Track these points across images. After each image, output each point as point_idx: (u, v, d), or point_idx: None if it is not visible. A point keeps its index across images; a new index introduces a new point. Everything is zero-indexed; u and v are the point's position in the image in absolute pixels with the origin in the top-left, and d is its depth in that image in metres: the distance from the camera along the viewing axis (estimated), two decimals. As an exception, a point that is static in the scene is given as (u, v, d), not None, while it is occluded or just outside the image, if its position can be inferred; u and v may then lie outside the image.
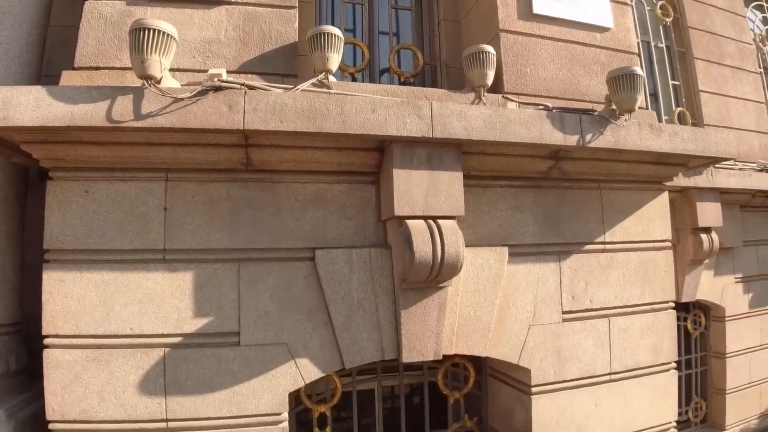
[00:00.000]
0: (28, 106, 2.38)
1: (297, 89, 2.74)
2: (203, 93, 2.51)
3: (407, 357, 2.89)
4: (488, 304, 3.10)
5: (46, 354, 2.67)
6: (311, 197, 2.90)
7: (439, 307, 2.89)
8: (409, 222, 2.72)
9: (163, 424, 2.72)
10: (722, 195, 5.05)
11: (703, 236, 4.83)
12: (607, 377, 3.43)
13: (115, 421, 2.70)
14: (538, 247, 3.27)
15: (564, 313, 3.31)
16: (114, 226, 2.73)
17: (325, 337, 2.86)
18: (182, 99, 2.48)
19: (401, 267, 2.76)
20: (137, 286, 2.74)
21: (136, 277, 2.75)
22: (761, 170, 5.48)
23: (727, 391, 5.44)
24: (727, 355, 5.43)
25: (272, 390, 2.79)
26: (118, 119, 2.44)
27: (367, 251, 2.91)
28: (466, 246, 2.89)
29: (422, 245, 2.66)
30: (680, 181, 4.64)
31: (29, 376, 3.35)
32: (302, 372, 2.83)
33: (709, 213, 4.93)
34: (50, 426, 2.68)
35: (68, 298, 2.69)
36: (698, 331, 5.50)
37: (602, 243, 3.45)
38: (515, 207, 3.23)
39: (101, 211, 2.73)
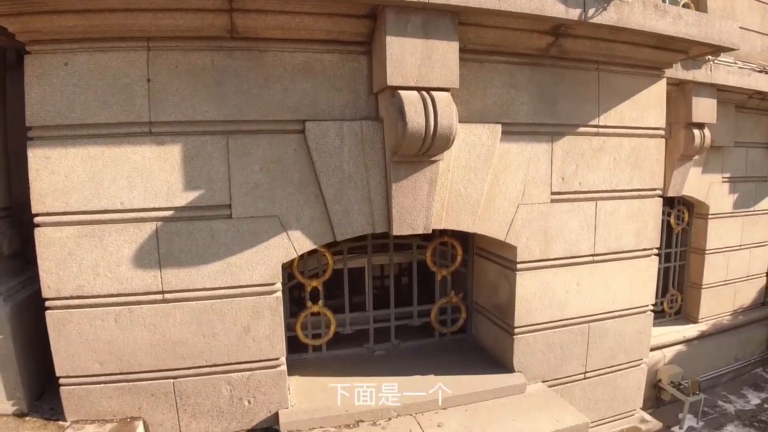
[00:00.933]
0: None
1: (281, -57, 2.53)
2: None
3: (398, 230, 2.91)
4: (479, 182, 3.10)
5: (38, 233, 2.65)
6: (300, 67, 2.78)
7: (430, 181, 2.87)
8: (402, 92, 2.63)
9: (159, 296, 2.77)
10: (719, 93, 4.98)
11: (696, 132, 4.82)
12: (590, 258, 3.53)
13: (111, 295, 2.74)
14: (532, 126, 3.22)
15: (553, 194, 3.33)
16: (97, 100, 2.62)
17: (317, 209, 2.87)
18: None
19: (393, 139, 2.71)
20: (125, 160, 2.68)
21: (123, 151, 2.68)
22: (761, 71, 5.38)
23: (703, 286, 5.69)
24: (707, 252, 5.63)
25: (265, 261, 2.83)
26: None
27: (359, 124, 2.83)
28: (459, 122, 2.82)
29: (415, 116, 2.59)
30: (678, 73, 4.55)
31: (22, 261, 3.35)
32: (294, 244, 2.86)
33: (704, 109, 4.88)
34: (47, 303, 2.72)
35: (55, 174, 2.63)
36: (680, 227, 5.64)
37: (596, 126, 3.41)
38: (511, 84, 3.14)
39: (82, 85, 2.60)
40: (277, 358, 2.94)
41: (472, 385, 3.28)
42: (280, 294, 2.90)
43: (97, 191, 2.67)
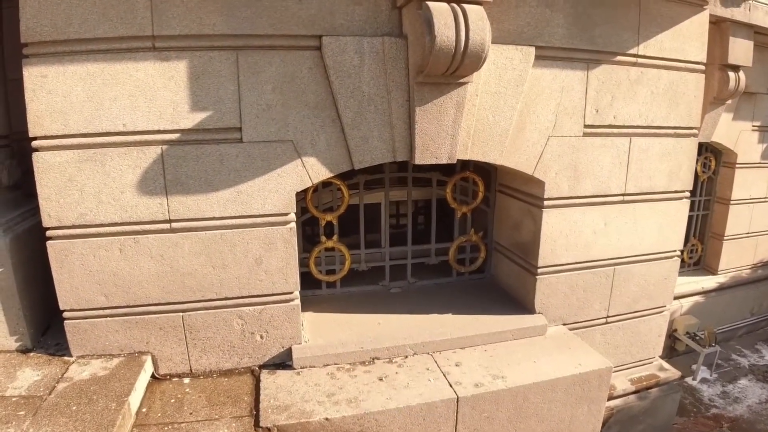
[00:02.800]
0: None
1: None
2: None
3: (420, 158, 2.72)
4: (508, 110, 2.87)
5: (36, 157, 2.47)
6: (316, -26, 2.51)
7: (457, 106, 2.65)
8: (431, 3, 2.37)
9: (166, 225, 2.61)
10: (755, 36, 4.64)
11: (731, 74, 4.53)
12: (621, 198, 3.33)
13: (115, 224, 2.58)
14: (567, 51, 2.95)
15: (586, 126, 3.10)
16: (95, 12, 2.36)
17: (333, 134, 2.66)
18: None
19: (418, 57, 2.47)
20: (126, 78, 2.45)
21: (125, 68, 2.44)
22: (802, 15, 4.99)
23: (725, 237, 5.51)
24: (731, 202, 5.41)
25: (278, 189, 2.65)
26: None
27: (380, 40, 2.58)
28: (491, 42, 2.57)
29: (444, 29, 2.34)
30: (717, 10, 4.21)
31: (23, 193, 3.19)
32: (309, 171, 2.67)
33: (741, 50, 4.56)
34: (48, 233, 2.56)
35: (52, 94, 2.41)
36: (707, 175, 5.42)
37: (634, 56, 3.14)
38: (546, 4, 2.85)
39: (79, -6, 2.34)
40: (291, 292, 2.81)
41: (492, 325, 3.16)
42: (294, 225, 2.74)
43: (97, 112, 2.46)
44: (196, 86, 2.50)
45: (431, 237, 3.68)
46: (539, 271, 3.23)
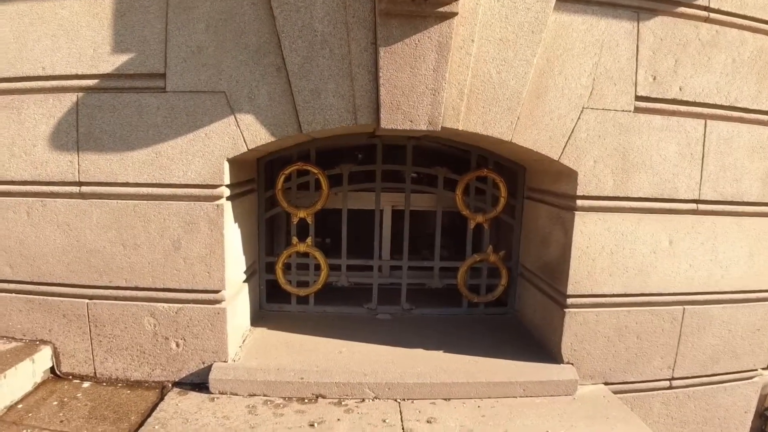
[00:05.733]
0: None
1: None
2: None
3: (388, 120, 2.02)
4: (520, 64, 2.08)
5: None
6: None
7: (439, 48, 1.94)
8: None
9: (75, 188, 2.16)
10: None
11: None
12: (693, 205, 2.31)
13: (25, 182, 2.20)
14: (609, -8, 2.14)
15: (638, 98, 2.19)
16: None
17: (278, 86, 2.07)
18: None
19: (383, -22, 1.83)
20: (52, 16, 2.13)
21: (52, 5, 2.12)
22: None
23: None
24: None
25: (205, 153, 2.10)
26: None
27: (339, -39, 1.99)
28: (493, -29, 1.87)
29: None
30: None
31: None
32: (244, 133, 2.08)
33: None
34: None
35: (-20, 36, 2.13)
36: None
37: (705, 9, 2.21)
38: None
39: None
40: (216, 291, 2.18)
41: (495, 372, 2.24)
42: (223, 201, 2.14)
43: (20, 54, 2.15)
44: (120, 24, 2.09)
45: (435, 252, 2.86)
46: (569, 301, 2.28)
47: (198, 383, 2.23)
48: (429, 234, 3.13)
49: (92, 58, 2.11)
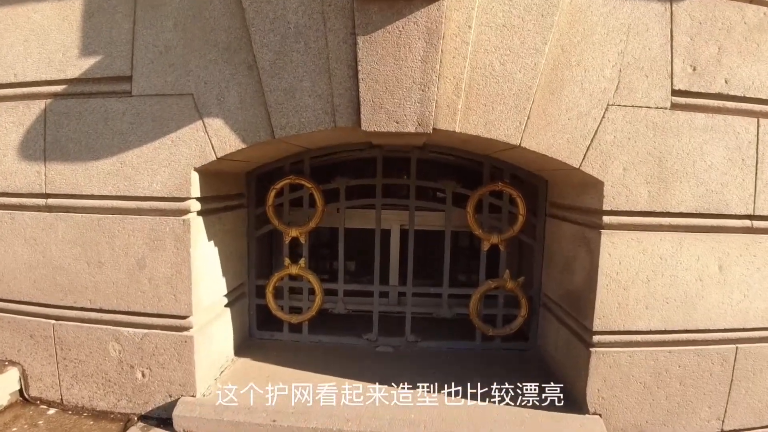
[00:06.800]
0: None
1: None
2: None
3: (369, 122, 1.73)
4: (529, 53, 1.75)
5: None
6: None
7: (428, 33, 1.65)
8: None
9: (42, 200, 2.02)
10: None
11: None
12: (747, 221, 1.85)
13: (-5, 195, 2.07)
14: (640, -32, 1.77)
15: (675, 93, 1.79)
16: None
17: (249, 87, 1.84)
18: None
19: (360, -42, 1.57)
20: (25, 21, 2.04)
21: (25, 10, 2.04)
22: None
23: None
24: None
25: (171, 162, 1.89)
26: None
27: (313, -57, 1.75)
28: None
29: None
30: None
31: None
32: (213, 139, 1.87)
33: None
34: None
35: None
36: None
37: None
38: None
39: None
40: (183, 317, 1.95)
41: (507, 424, 1.87)
42: (192, 217, 1.92)
43: (-5, 61, 2.04)
44: (89, 26, 1.96)
45: (443, 277, 2.52)
46: (596, 339, 1.88)
47: (165, 418, 2.00)
48: (441, 257, 2.79)
49: (61, 62, 1.98)
